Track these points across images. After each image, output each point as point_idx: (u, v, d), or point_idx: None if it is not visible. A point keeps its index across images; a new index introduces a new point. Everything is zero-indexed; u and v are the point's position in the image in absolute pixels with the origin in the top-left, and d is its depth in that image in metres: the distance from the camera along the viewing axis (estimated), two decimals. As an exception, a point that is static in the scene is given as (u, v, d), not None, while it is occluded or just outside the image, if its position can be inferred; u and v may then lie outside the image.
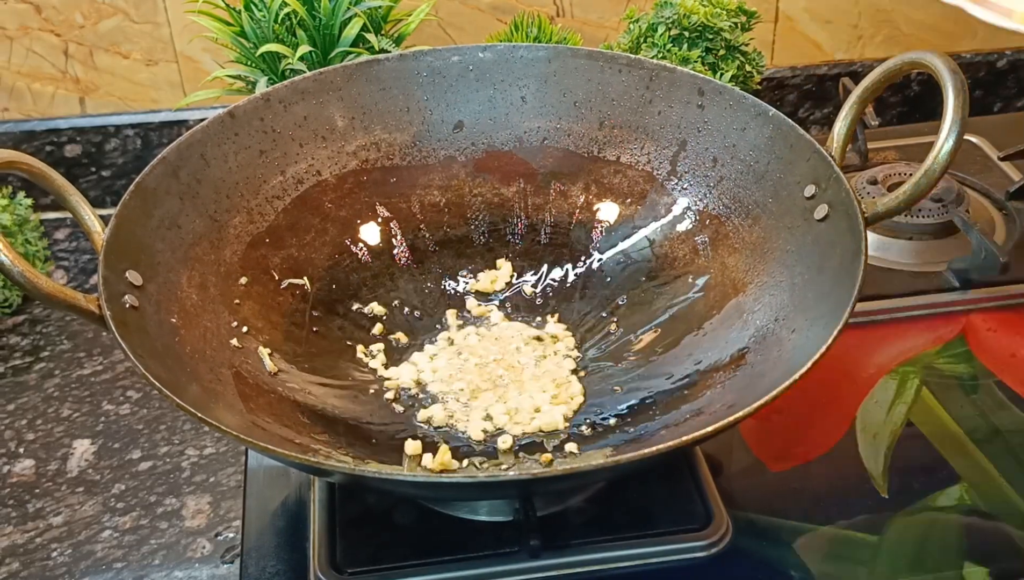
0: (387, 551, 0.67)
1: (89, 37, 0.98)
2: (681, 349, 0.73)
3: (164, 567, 0.68)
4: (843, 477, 0.73)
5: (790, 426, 0.77)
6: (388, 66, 0.81)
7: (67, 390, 0.82)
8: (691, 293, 0.76)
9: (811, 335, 0.64)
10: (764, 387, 0.61)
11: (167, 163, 0.72)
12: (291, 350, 0.73)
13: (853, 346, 0.82)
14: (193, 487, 0.74)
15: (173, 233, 0.71)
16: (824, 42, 1.09)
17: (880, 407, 0.78)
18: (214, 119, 0.75)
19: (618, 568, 0.66)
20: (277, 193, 0.77)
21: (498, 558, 0.66)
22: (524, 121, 0.82)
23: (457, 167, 0.82)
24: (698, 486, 0.70)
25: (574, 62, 0.81)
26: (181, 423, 0.78)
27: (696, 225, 0.78)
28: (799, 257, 0.70)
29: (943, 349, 0.84)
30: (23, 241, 0.91)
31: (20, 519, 0.72)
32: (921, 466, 0.74)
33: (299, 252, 0.77)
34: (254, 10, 0.85)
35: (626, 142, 0.80)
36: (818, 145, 0.71)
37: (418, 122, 0.82)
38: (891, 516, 0.70)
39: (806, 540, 0.69)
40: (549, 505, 0.68)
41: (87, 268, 0.95)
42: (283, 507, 0.71)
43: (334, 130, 0.80)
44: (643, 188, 0.80)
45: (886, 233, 0.91)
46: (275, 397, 0.69)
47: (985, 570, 0.66)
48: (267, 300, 0.74)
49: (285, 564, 0.67)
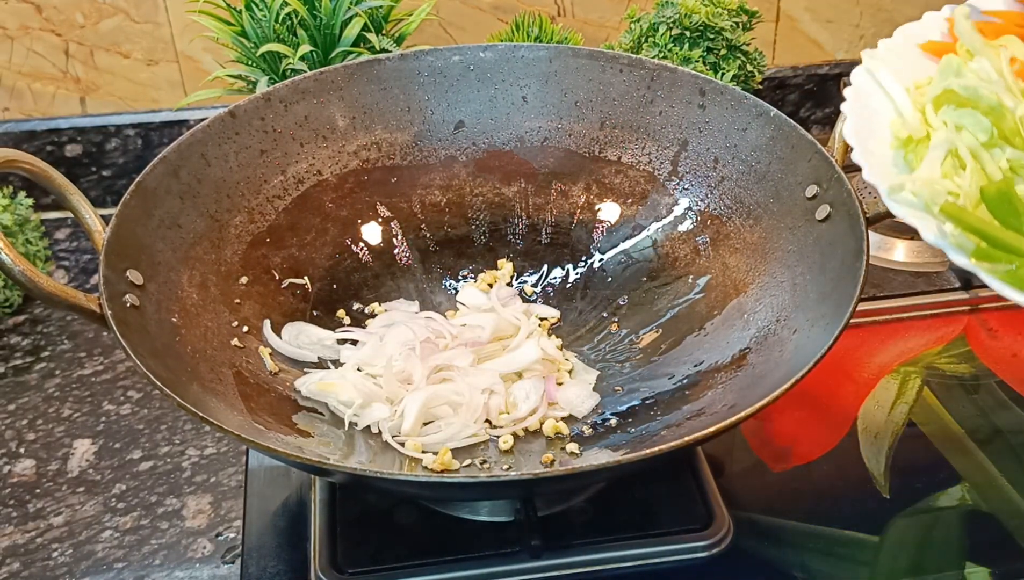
0: (388, 551, 0.67)
1: (90, 37, 0.98)
2: (682, 349, 0.73)
3: (165, 567, 0.68)
4: (844, 477, 0.73)
5: (791, 426, 0.77)
6: (389, 66, 0.81)
7: (68, 390, 0.82)
8: (692, 293, 0.76)
9: (812, 335, 0.64)
10: (765, 388, 0.61)
11: (168, 163, 0.72)
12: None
13: (854, 346, 0.82)
14: (194, 487, 0.74)
15: (174, 233, 0.71)
16: (825, 42, 1.09)
17: (881, 407, 0.78)
18: (215, 119, 0.75)
19: (619, 568, 0.66)
20: (278, 193, 0.77)
21: (499, 558, 0.66)
22: (525, 121, 0.82)
23: (458, 167, 0.82)
24: (699, 486, 0.70)
25: (575, 62, 0.81)
26: (182, 423, 0.78)
27: (697, 225, 0.78)
28: (800, 257, 0.70)
29: (944, 349, 0.84)
30: (24, 241, 0.91)
31: (21, 519, 0.71)
32: (922, 466, 0.74)
33: (300, 252, 0.77)
34: (255, 10, 0.85)
35: (627, 142, 0.80)
36: (819, 145, 0.71)
37: (419, 122, 0.82)
38: (892, 516, 0.70)
39: (807, 540, 0.69)
40: (550, 505, 0.68)
41: (88, 268, 0.95)
42: (284, 507, 0.70)
43: (335, 130, 0.80)
44: (644, 188, 0.80)
45: (888, 233, 0.91)
46: (276, 397, 0.69)
47: (986, 570, 0.66)
48: (268, 300, 0.74)
49: (286, 564, 0.67)
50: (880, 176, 0.53)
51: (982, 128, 0.53)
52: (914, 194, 0.51)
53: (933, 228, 0.50)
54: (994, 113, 0.53)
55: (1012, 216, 0.49)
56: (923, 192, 0.51)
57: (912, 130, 0.56)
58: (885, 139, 0.57)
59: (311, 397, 0.70)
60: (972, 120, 0.53)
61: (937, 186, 0.51)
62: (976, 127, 0.53)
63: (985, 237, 0.48)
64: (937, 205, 0.50)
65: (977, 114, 0.54)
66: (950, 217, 0.48)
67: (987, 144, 0.53)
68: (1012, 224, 0.49)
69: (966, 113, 0.54)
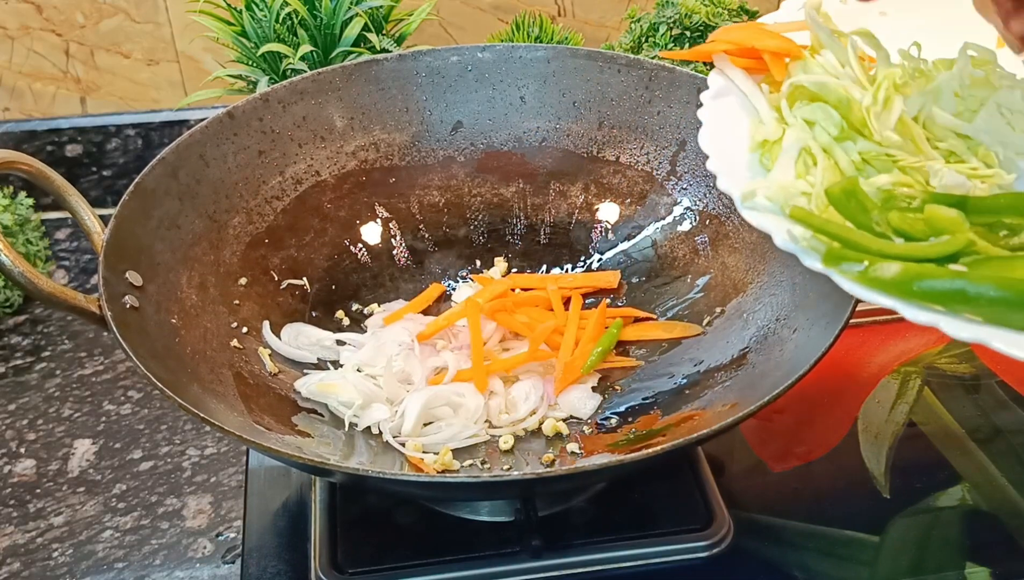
0: (388, 551, 0.67)
1: (90, 37, 0.98)
2: (682, 349, 0.73)
3: (165, 567, 0.68)
4: (845, 477, 0.73)
5: (792, 426, 0.77)
6: (387, 66, 0.81)
7: (68, 390, 0.82)
8: (692, 293, 0.76)
9: (812, 335, 0.64)
10: (765, 387, 0.61)
11: (166, 163, 0.72)
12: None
13: (855, 346, 0.82)
14: (194, 487, 0.74)
15: (173, 233, 0.71)
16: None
17: (882, 407, 0.78)
18: (213, 119, 0.75)
19: (619, 568, 0.66)
20: (276, 193, 0.77)
21: (499, 558, 0.66)
22: (523, 121, 0.82)
23: (456, 167, 0.82)
24: (700, 486, 0.70)
25: (573, 62, 0.81)
26: (182, 423, 0.78)
27: (696, 225, 0.78)
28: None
29: (945, 349, 0.84)
30: (24, 241, 0.91)
31: (21, 519, 0.72)
32: (922, 466, 0.74)
33: (298, 252, 0.77)
34: (255, 10, 0.85)
35: (625, 142, 0.80)
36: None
37: (417, 122, 0.82)
38: (892, 516, 0.70)
39: (807, 540, 0.69)
40: (550, 505, 0.68)
41: (88, 268, 0.95)
42: (284, 507, 0.71)
43: (333, 130, 0.80)
44: (643, 188, 0.80)
45: (887, 232, 0.91)
46: (275, 397, 0.69)
47: (987, 570, 0.66)
48: (267, 301, 0.74)
49: (286, 564, 0.67)
50: (734, 183, 0.51)
51: (833, 122, 0.52)
52: (768, 199, 0.50)
53: (784, 233, 0.48)
54: (843, 106, 0.52)
55: (860, 213, 0.48)
56: (777, 196, 0.49)
57: (768, 131, 0.54)
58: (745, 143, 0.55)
59: (311, 398, 0.70)
60: (823, 114, 0.53)
61: (791, 188, 0.49)
62: (827, 121, 0.52)
63: (835, 238, 0.47)
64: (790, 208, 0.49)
65: (827, 108, 0.53)
66: (799, 221, 0.47)
67: (839, 137, 0.52)
68: (861, 221, 0.48)
69: (817, 108, 0.53)
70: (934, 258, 0.47)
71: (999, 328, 0.44)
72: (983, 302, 0.44)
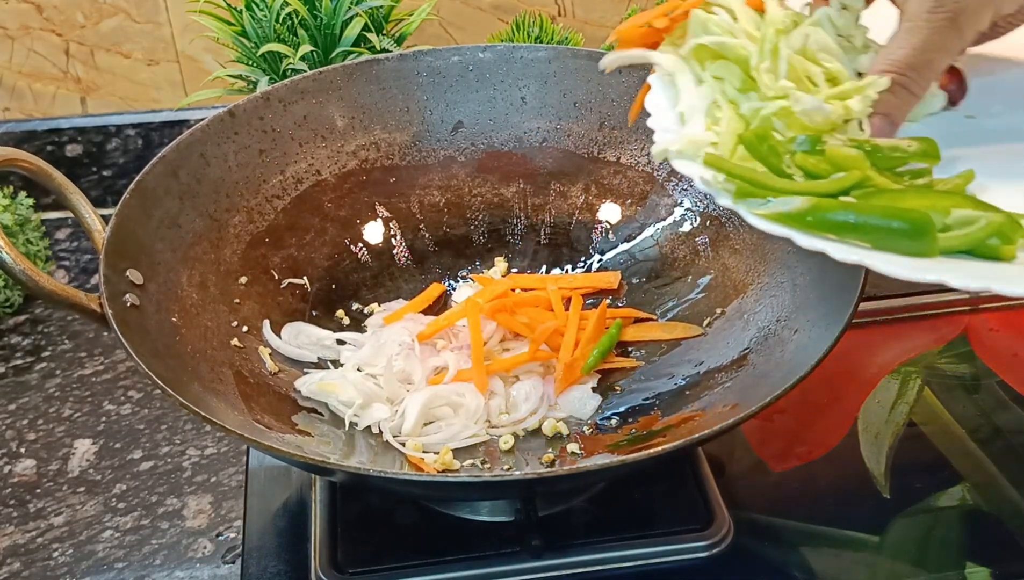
0: (388, 551, 0.66)
1: (90, 37, 0.98)
2: (683, 350, 0.73)
3: (165, 567, 0.68)
4: (845, 477, 0.73)
5: (792, 426, 0.77)
6: (388, 66, 0.81)
7: (68, 390, 0.82)
8: (693, 294, 0.76)
9: (813, 336, 0.64)
10: (766, 388, 0.61)
11: (167, 162, 0.72)
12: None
13: (855, 346, 0.82)
14: (194, 487, 0.73)
15: (173, 232, 0.71)
16: (825, 42, 1.09)
17: (882, 407, 0.78)
18: (213, 118, 0.75)
19: (619, 568, 0.66)
20: (277, 193, 0.77)
21: (499, 558, 0.66)
22: (524, 121, 0.82)
23: (457, 167, 0.82)
24: (700, 486, 0.70)
25: (574, 62, 0.81)
26: (182, 423, 0.78)
27: (697, 226, 0.78)
28: (801, 257, 0.70)
29: (945, 349, 0.84)
30: (25, 241, 0.91)
31: (21, 519, 0.71)
32: (923, 466, 0.74)
33: (299, 252, 0.77)
34: (255, 10, 0.85)
35: (626, 143, 0.80)
36: (819, 145, 0.71)
37: (418, 122, 0.82)
38: (892, 516, 0.70)
39: (808, 540, 0.69)
40: (551, 505, 0.68)
41: (88, 268, 0.95)
42: (284, 507, 0.70)
43: (334, 130, 0.80)
44: (643, 189, 0.80)
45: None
46: (276, 397, 0.69)
47: (987, 570, 0.66)
48: (267, 300, 0.74)
49: (286, 564, 0.67)
50: (662, 140, 0.56)
51: (737, 76, 0.57)
52: (679, 152, 0.54)
53: (699, 175, 0.53)
54: (742, 62, 0.57)
55: (772, 156, 0.53)
56: (687, 149, 0.54)
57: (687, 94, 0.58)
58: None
59: (311, 397, 0.70)
60: (727, 71, 0.57)
61: (699, 140, 0.54)
62: (732, 76, 0.57)
63: (742, 179, 0.52)
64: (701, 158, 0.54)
65: (730, 64, 0.57)
66: (712, 166, 0.53)
67: (743, 89, 0.56)
68: (772, 163, 0.53)
69: (722, 65, 0.57)
70: (831, 193, 0.51)
71: (883, 253, 0.49)
72: (868, 229, 0.49)
